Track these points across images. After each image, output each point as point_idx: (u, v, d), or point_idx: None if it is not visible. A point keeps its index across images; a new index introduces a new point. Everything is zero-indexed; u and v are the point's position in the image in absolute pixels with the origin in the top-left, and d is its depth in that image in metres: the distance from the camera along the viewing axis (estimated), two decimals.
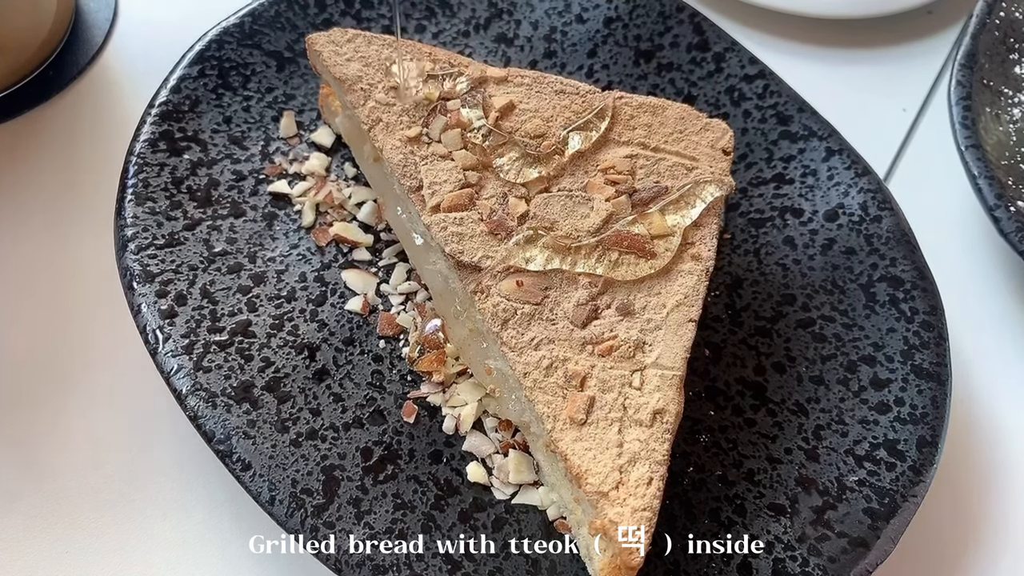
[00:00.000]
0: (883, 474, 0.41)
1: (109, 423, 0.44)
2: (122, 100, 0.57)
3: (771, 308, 0.46)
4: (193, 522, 0.41)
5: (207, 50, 0.50)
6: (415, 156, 0.41)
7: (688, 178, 0.41)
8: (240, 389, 0.39)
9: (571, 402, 0.35)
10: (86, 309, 0.48)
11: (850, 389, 0.43)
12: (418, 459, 0.40)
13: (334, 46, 0.44)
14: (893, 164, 0.58)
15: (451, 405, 0.41)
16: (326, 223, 0.47)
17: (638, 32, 0.53)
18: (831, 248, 0.47)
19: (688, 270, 0.39)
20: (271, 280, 0.44)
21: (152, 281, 0.42)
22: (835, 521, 0.39)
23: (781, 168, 0.49)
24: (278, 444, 0.38)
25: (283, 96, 0.51)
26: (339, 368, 0.42)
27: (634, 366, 0.36)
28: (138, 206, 0.44)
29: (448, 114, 0.42)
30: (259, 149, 0.49)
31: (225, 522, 0.41)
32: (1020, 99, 0.55)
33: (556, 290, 0.38)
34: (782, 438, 0.42)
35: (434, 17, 0.54)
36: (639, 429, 0.35)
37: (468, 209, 0.39)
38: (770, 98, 0.51)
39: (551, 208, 0.40)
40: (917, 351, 0.44)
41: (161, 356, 0.39)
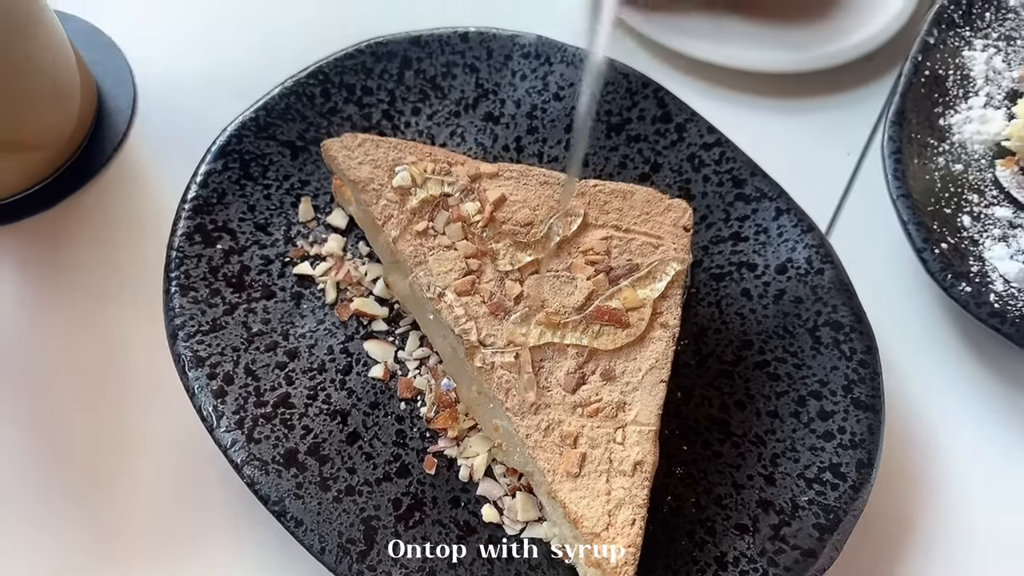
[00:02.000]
0: (828, 493, 0.49)
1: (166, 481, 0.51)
2: (150, 182, 0.64)
3: (732, 353, 0.54)
4: (249, 571, 0.49)
5: (228, 144, 0.57)
6: (424, 248, 0.48)
7: (655, 255, 0.48)
8: (287, 456, 0.47)
9: (566, 458, 0.43)
10: (136, 386, 0.54)
11: (801, 421, 0.51)
12: (440, 505, 0.47)
13: (347, 151, 0.51)
14: (839, 206, 0.66)
15: (465, 456, 0.49)
16: (347, 299, 0.54)
17: (608, 107, 0.60)
18: (782, 298, 0.55)
19: (658, 337, 0.46)
20: (303, 354, 0.51)
21: (203, 365, 0.49)
22: (789, 536, 0.47)
23: (737, 227, 0.57)
24: (323, 501, 0.46)
25: (299, 182, 0.57)
26: (368, 430, 0.49)
27: (617, 424, 0.44)
28: (183, 296, 0.51)
29: (450, 209, 0.49)
30: (282, 233, 0.55)
31: (276, 570, 0.49)
32: (943, 148, 0.63)
33: (549, 360, 0.45)
34: (744, 466, 0.50)
35: (428, 99, 0.61)
36: (623, 479, 0.42)
37: (472, 294, 0.47)
38: (726, 163, 0.58)
39: (542, 288, 0.47)
40: (856, 386, 0.51)
41: (218, 432, 0.46)
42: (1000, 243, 0.59)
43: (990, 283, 0.56)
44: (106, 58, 0.69)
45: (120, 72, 0.68)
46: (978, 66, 0.67)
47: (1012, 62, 0.68)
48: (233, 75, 0.69)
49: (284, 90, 0.59)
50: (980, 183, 0.62)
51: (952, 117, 0.64)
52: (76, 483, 0.51)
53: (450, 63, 0.62)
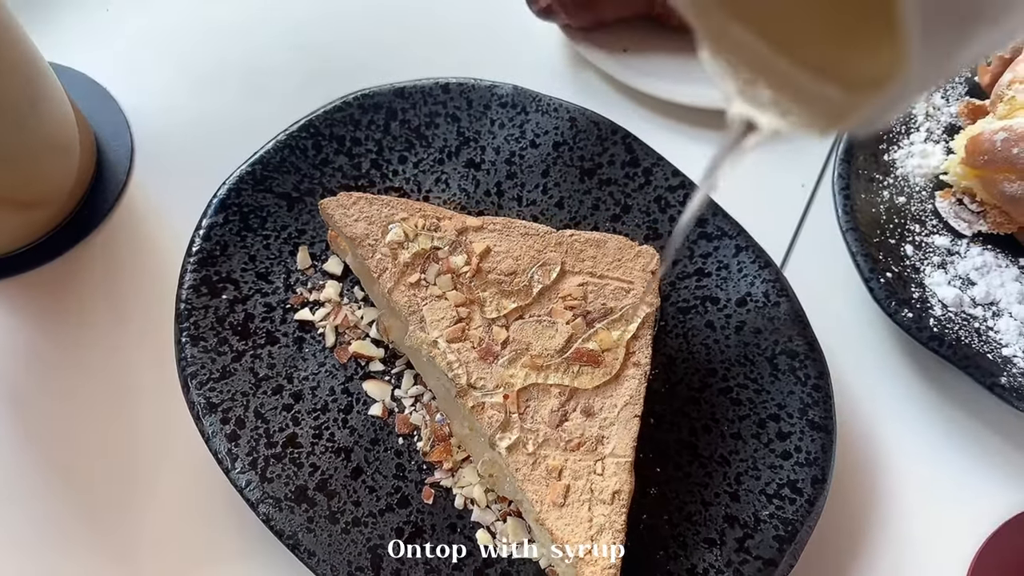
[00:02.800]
0: (787, 507, 0.54)
1: (184, 521, 0.55)
2: (151, 230, 0.67)
3: (698, 380, 0.59)
4: None
5: (228, 197, 0.61)
6: (417, 298, 0.53)
7: (627, 298, 0.54)
8: (298, 492, 0.51)
9: (552, 489, 0.48)
10: (151, 424, 0.59)
11: (761, 442, 0.57)
12: (439, 531, 0.52)
13: (343, 209, 0.55)
14: (795, 236, 0.71)
15: (460, 486, 0.54)
16: (345, 342, 0.58)
17: (581, 153, 0.65)
18: (742, 329, 0.60)
19: (631, 375, 0.51)
20: (307, 396, 0.56)
21: (216, 411, 0.53)
22: (752, 548, 0.53)
23: (701, 263, 0.62)
24: (333, 533, 0.50)
25: (296, 232, 0.62)
26: (370, 465, 0.54)
27: (596, 457, 0.49)
28: (194, 347, 0.55)
29: (440, 262, 0.53)
30: (282, 281, 0.60)
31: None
32: (888, 182, 0.69)
33: (535, 400, 0.50)
34: (711, 485, 0.56)
35: (413, 148, 0.66)
36: (603, 507, 0.47)
37: (462, 340, 0.51)
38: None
39: (525, 332, 0.52)
40: (810, 408, 0.57)
41: (234, 474, 0.51)
42: (939, 270, 0.65)
43: (930, 308, 0.62)
44: (102, 109, 0.72)
45: (117, 123, 0.72)
46: (919, 104, 0.73)
47: (950, 98, 0.74)
48: (225, 125, 0.72)
49: (278, 144, 0.63)
50: (921, 213, 0.68)
51: (896, 152, 0.70)
52: (91, 525, 0.55)
53: (433, 113, 0.66)
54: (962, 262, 0.66)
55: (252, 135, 0.64)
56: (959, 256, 0.66)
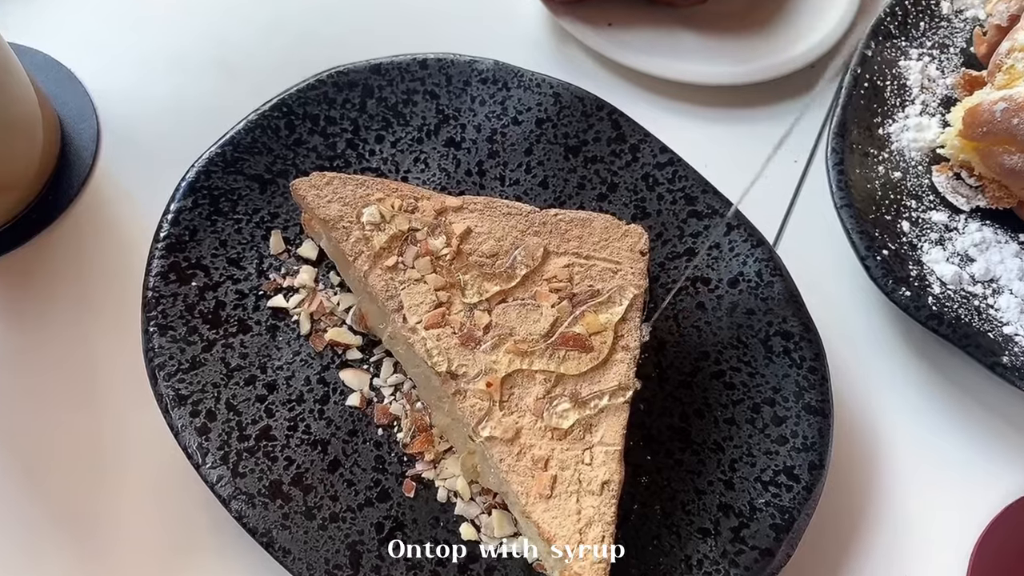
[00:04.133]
0: (783, 495, 0.52)
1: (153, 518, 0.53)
2: (119, 216, 0.64)
3: (690, 364, 0.57)
4: None
5: (197, 180, 0.58)
6: (395, 281, 0.50)
7: (614, 280, 0.51)
8: (272, 487, 0.49)
9: (538, 481, 0.45)
10: (118, 417, 0.56)
11: (756, 427, 0.55)
12: (421, 526, 0.50)
13: (315, 190, 0.53)
14: (787, 213, 0.69)
15: (442, 478, 0.51)
16: (321, 329, 0.55)
17: (566, 130, 0.63)
18: (735, 310, 0.58)
19: (620, 359, 0.49)
20: (282, 387, 0.53)
21: (185, 403, 0.50)
22: (748, 537, 0.51)
23: (691, 243, 0.60)
24: (309, 530, 0.48)
25: (268, 215, 0.59)
26: (348, 457, 0.51)
27: (584, 446, 0.47)
28: (161, 336, 0.52)
29: (418, 244, 0.51)
30: (255, 267, 0.57)
31: None
32: (883, 156, 0.66)
33: (519, 387, 0.48)
34: (705, 472, 0.53)
35: (390, 127, 0.63)
36: (592, 498, 0.45)
37: (443, 326, 0.49)
38: (679, 182, 0.61)
39: (508, 316, 0.50)
40: (806, 392, 0.55)
41: (204, 470, 0.48)
42: (937, 247, 0.63)
43: (928, 286, 0.60)
44: (68, 91, 0.69)
45: (83, 105, 0.69)
46: (913, 75, 0.70)
47: (945, 69, 0.71)
48: (196, 104, 0.69)
49: (249, 124, 0.60)
50: (918, 189, 0.66)
51: (891, 126, 0.68)
52: (58, 523, 0.53)
53: (410, 90, 0.64)
54: (960, 238, 0.64)
55: (224, 117, 0.61)
56: (957, 232, 0.64)
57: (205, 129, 0.62)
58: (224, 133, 0.60)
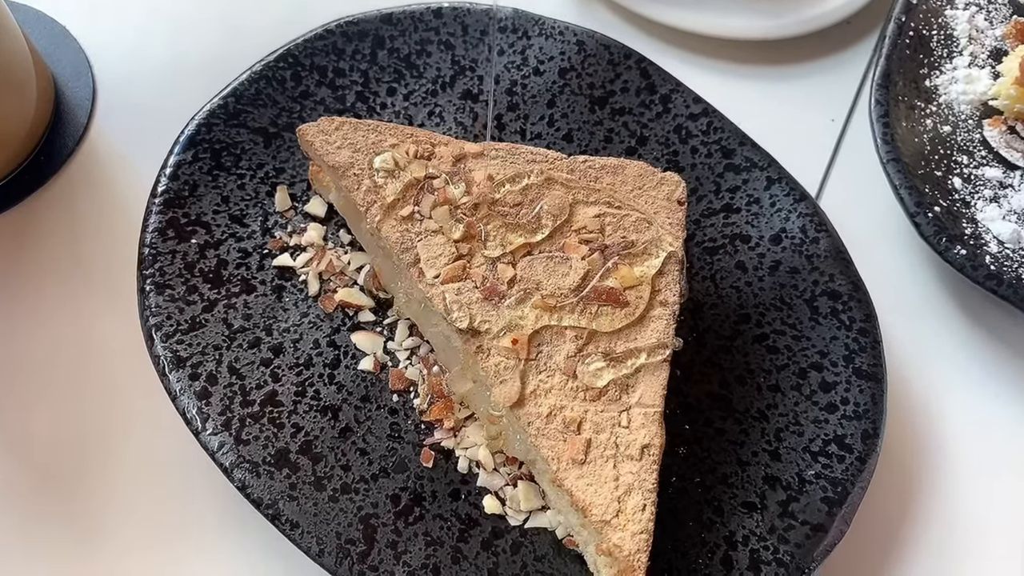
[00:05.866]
0: (835, 466, 0.48)
1: (152, 490, 0.49)
2: (115, 176, 0.61)
3: (729, 327, 0.53)
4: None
5: (197, 133, 0.54)
6: (410, 233, 0.46)
7: (650, 231, 0.47)
8: (278, 456, 0.45)
9: (571, 445, 0.41)
10: (114, 383, 0.52)
11: (802, 393, 0.50)
12: (440, 499, 0.46)
13: (324, 135, 0.49)
14: (826, 174, 0.65)
15: (463, 447, 0.47)
16: (330, 290, 0.51)
17: (591, 80, 0.58)
18: (777, 269, 0.53)
19: (658, 315, 0.45)
20: (288, 350, 0.49)
21: (184, 366, 0.46)
22: (798, 512, 0.47)
23: (728, 198, 0.56)
24: (318, 502, 0.44)
25: (273, 171, 0.55)
26: (360, 424, 0.47)
27: (621, 407, 0.42)
28: (158, 295, 0.48)
29: (435, 192, 0.47)
30: (259, 225, 0.53)
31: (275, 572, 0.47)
32: (931, 110, 0.62)
33: (548, 345, 0.44)
34: (748, 443, 0.49)
35: (403, 79, 0.59)
36: (631, 463, 0.41)
37: (463, 279, 0.45)
38: (714, 134, 0.57)
39: (535, 270, 0.45)
40: (856, 355, 0.51)
41: (204, 436, 0.44)
42: (992, 204, 0.58)
43: (984, 245, 0.56)
44: (62, 49, 0.65)
45: (78, 63, 0.65)
46: (961, 25, 0.66)
47: (994, 20, 0.67)
48: (198, 63, 0.66)
49: (253, 75, 0.57)
50: (969, 144, 0.61)
51: (938, 78, 0.64)
52: (55, 495, 0.49)
53: (424, 40, 0.60)
54: (1017, 195, 0.59)
55: (227, 75, 0.57)
56: (1013, 189, 0.60)
57: (206, 87, 0.58)
58: (226, 84, 0.56)
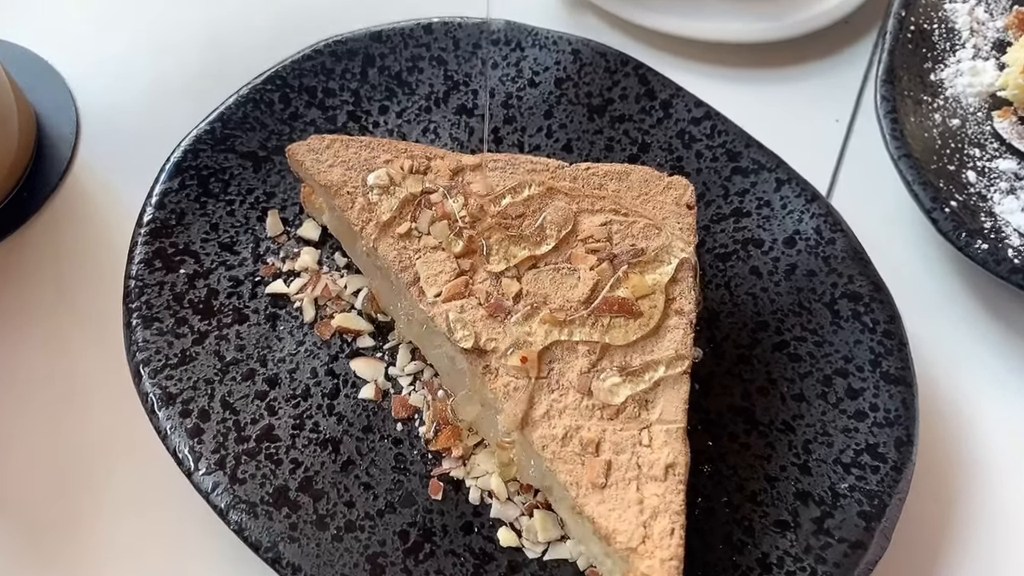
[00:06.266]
0: (869, 477, 0.45)
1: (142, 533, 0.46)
2: (100, 209, 0.58)
3: (747, 336, 0.50)
4: None
5: (184, 160, 0.52)
6: (408, 251, 0.44)
7: (660, 237, 0.45)
8: (276, 494, 0.42)
9: (590, 468, 0.38)
10: (101, 422, 0.49)
11: (829, 402, 0.48)
12: (451, 533, 0.43)
13: (314, 154, 0.47)
14: (834, 176, 0.63)
15: (473, 476, 0.44)
16: (327, 316, 0.49)
17: (588, 89, 0.57)
18: (794, 273, 0.51)
19: (674, 325, 0.42)
20: (284, 381, 0.46)
21: (174, 402, 0.44)
22: (834, 528, 0.44)
23: (737, 202, 0.53)
24: (321, 542, 0.41)
25: (263, 195, 0.53)
26: (363, 457, 0.45)
27: (641, 425, 0.40)
28: (146, 329, 0.46)
29: (433, 207, 0.44)
30: (250, 252, 0.51)
31: None
32: (938, 104, 0.60)
33: (559, 361, 0.41)
34: (775, 457, 0.46)
35: (395, 96, 0.57)
36: (655, 484, 0.38)
37: (466, 296, 0.42)
38: (718, 137, 0.55)
39: (541, 283, 0.43)
40: (883, 359, 0.48)
41: (197, 476, 0.41)
42: (1009, 196, 0.56)
43: (1005, 238, 0.54)
44: (43, 83, 0.64)
45: (60, 96, 0.63)
46: (961, 18, 0.64)
47: (994, 11, 0.66)
48: (182, 89, 0.64)
49: (240, 98, 0.55)
50: (980, 136, 0.59)
51: (942, 72, 0.62)
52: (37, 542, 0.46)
53: (415, 57, 0.58)
54: None
55: (214, 100, 0.55)
56: None
57: (192, 114, 0.56)
58: (213, 109, 0.54)
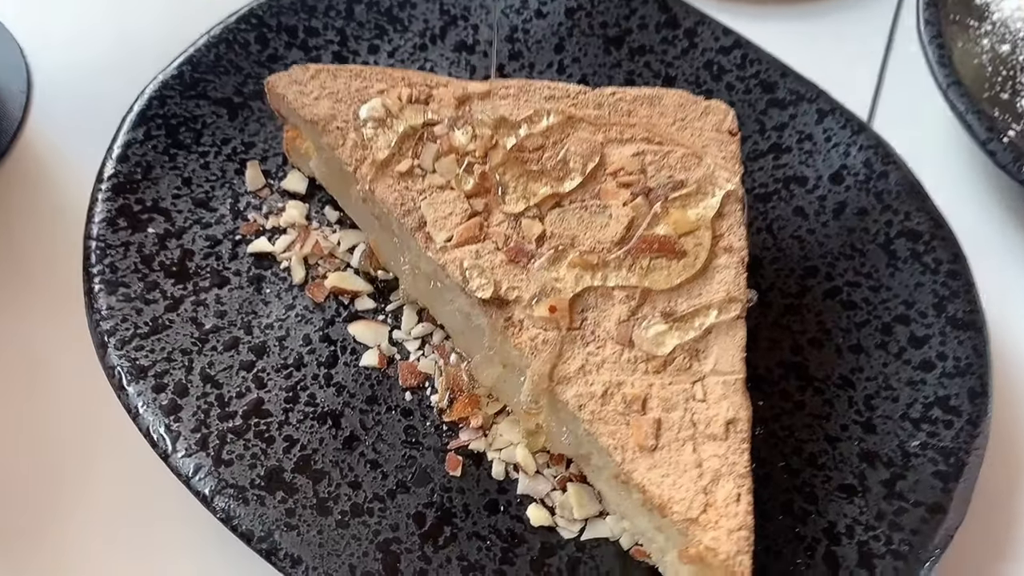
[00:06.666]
0: (942, 433, 0.40)
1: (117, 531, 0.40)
2: (56, 170, 0.52)
3: (795, 283, 0.45)
4: None
5: (149, 109, 0.46)
6: (411, 192, 0.38)
7: (700, 168, 0.39)
8: (269, 477, 0.36)
9: (636, 428, 0.33)
10: (65, 402, 0.43)
11: (890, 352, 0.42)
12: (474, 514, 0.37)
13: (298, 86, 0.41)
14: (872, 109, 0.57)
15: (496, 448, 0.39)
16: (319, 276, 0.43)
17: (603, 19, 0.51)
18: (843, 212, 0.46)
19: (724, 264, 0.37)
20: (273, 349, 0.40)
21: (145, 376, 0.38)
22: (907, 491, 0.38)
23: (776, 138, 0.48)
24: (324, 529, 0.35)
25: (242, 146, 0.47)
26: (368, 431, 0.39)
27: (693, 377, 0.34)
28: (110, 295, 0.40)
29: (437, 140, 0.39)
30: (228, 208, 0.45)
31: None
32: (986, 28, 0.55)
33: (593, 310, 0.36)
34: (835, 415, 0.41)
35: (386, 35, 0.51)
36: (714, 444, 0.33)
37: (481, 240, 0.37)
38: (750, 67, 0.49)
39: (567, 223, 0.37)
40: (948, 302, 0.43)
41: (176, 459, 0.35)
42: None
43: None
44: None
45: (9, 54, 0.57)
46: None
47: None
48: (144, 43, 0.57)
49: (212, 39, 0.49)
50: None
51: None
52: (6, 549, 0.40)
53: None
54: None
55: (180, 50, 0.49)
56: None
57: (156, 68, 0.49)
58: (181, 52, 0.48)
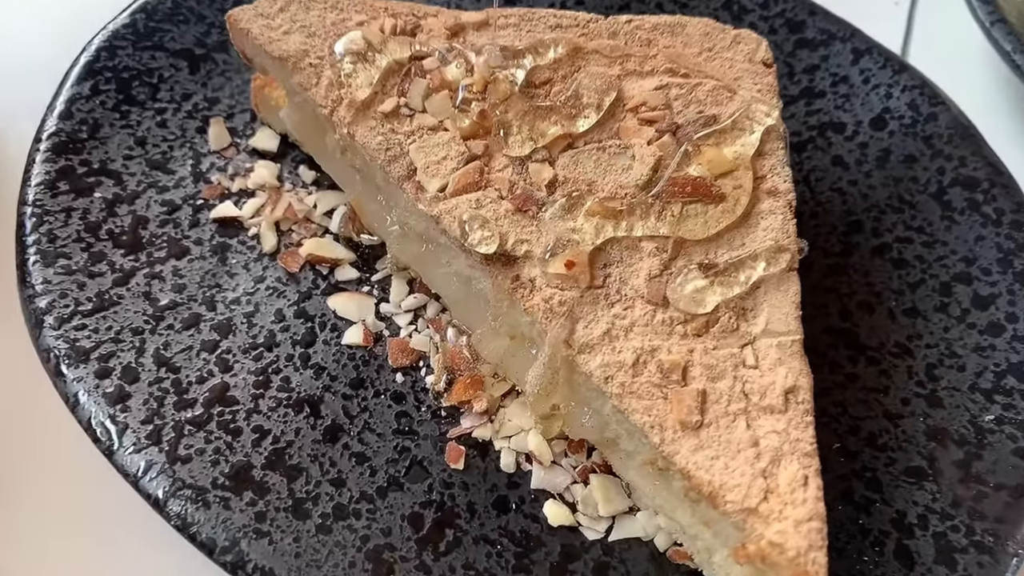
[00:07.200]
0: (1020, 405, 0.35)
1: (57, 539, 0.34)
2: None
3: (838, 241, 0.39)
4: None
5: (96, 61, 0.40)
6: (398, 134, 0.32)
7: (734, 101, 0.33)
8: (236, 475, 0.30)
9: (677, 402, 0.27)
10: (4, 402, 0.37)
11: (952, 315, 0.37)
12: (481, 513, 0.31)
13: (264, 19, 0.35)
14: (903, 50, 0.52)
15: (504, 436, 0.33)
16: (293, 243, 0.37)
17: None
18: (887, 160, 0.40)
19: (769, 209, 0.31)
20: (240, 327, 0.35)
21: (87, 360, 0.32)
22: (985, 473, 0.33)
23: (807, 81, 0.43)
24: (301, 535, 0.29)
25: (204, 102, 0.41)
26: (353, 420, 0.33)
27: (741, 340, 0.29)
28: (47, 267, 0.34)
29: (427, 75, 0.33)
30: (189, 170, 0.39)
31: None
32: None
33: (618, 265, 0.30)
34: (893, 388, 0.36)
35: None
36: (772, 417, 0.27)
37: (481, 188, 0.31)
38: (775, 5, 0.44)
39: (583, 167, 0.32)
40: (1015, 256, 0.38)
41: (121, 455, 0.30)
42: None
43: None
44: None
45: None
46: None
47: None
48: None
49: None
50: None
51: None
52: None
53: None
54: None
55: None
56: None
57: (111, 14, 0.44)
58: None
